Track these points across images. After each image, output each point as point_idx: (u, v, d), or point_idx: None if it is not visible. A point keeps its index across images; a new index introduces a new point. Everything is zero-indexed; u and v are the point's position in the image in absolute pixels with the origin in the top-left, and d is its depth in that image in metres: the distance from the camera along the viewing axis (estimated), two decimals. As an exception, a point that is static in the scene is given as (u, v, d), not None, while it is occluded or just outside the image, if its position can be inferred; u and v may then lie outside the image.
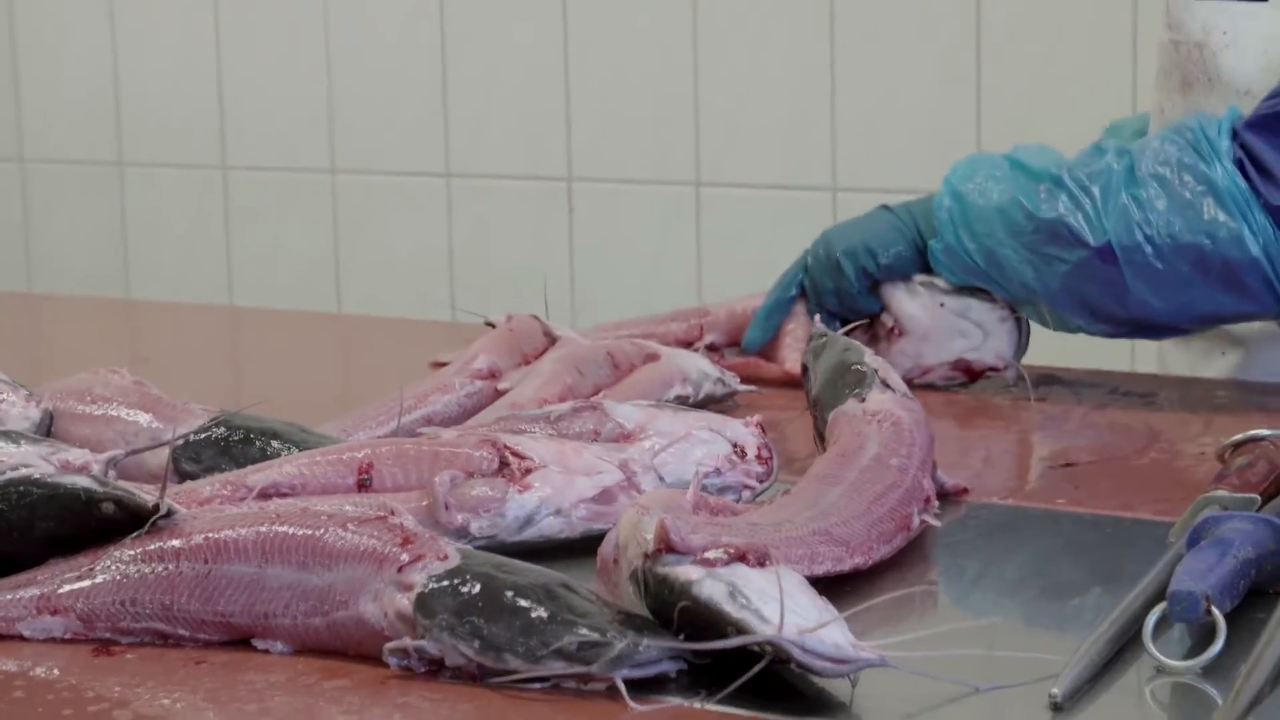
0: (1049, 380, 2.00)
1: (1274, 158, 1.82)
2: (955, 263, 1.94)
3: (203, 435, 1.57)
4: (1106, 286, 1.87)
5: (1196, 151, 1.85)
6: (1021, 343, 1.98)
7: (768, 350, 2.03)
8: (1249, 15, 1.97)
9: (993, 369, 1.97)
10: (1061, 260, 1.88)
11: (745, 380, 1.93)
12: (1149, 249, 1.84)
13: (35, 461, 1.44)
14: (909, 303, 1.98)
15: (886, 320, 1.99)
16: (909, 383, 1.69)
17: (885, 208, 2.02)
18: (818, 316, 1.90)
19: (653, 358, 1.87)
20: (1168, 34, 2.03)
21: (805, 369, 1.73)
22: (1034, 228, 1.88)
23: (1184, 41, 2.01)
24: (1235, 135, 1.85)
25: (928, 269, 1.96)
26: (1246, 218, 1.82)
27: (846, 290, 1.98)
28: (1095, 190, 1.87)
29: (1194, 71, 2.00)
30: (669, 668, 1.16)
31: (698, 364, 1.87)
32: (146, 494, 1.31)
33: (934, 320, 1.97)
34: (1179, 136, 1.87)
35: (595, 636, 1.15)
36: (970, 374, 1.97)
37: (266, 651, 1.26)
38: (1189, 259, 1.84)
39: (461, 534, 1.37)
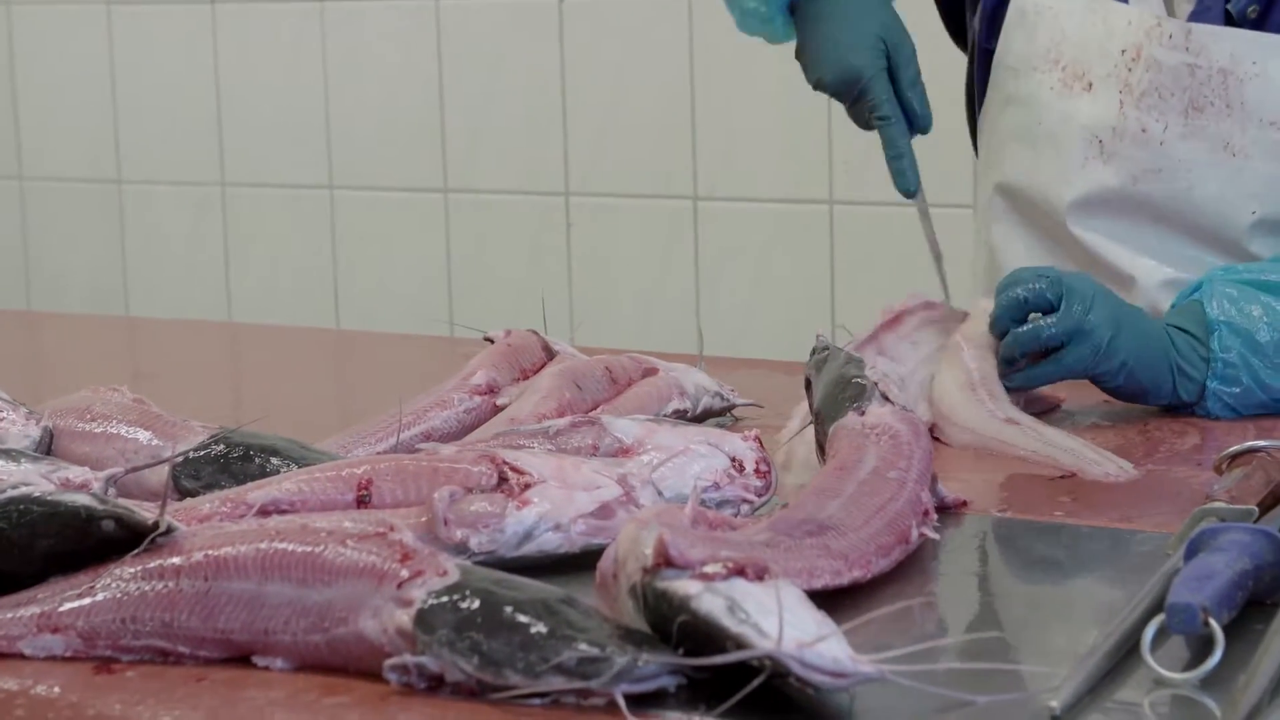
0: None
1: None
2: (1246, 403, 1.86)
3: (202, 452, 1.57)
4: None
5: None
6: None
7: None
8: (1279, 48, 1.99)
9: None
10: None
11: None
12: None
13: (35, 480, 1.45)
14: None
15: None
16: None
17: (1157, 323, 1.89)
18: (819, 330, 1.89)
19: (650, 372, 1.88)
20: (1181, 56, 2.02)
21: (808, 382, 1.74)
22: None
23: (1204, 66, 2.00)
24: None
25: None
26: None
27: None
28: None
29: (1209, 97, 2.00)
30: (668, 682, 1.16)
31: (695, 378, 1.88)
32: (146, 511, 1.31)
33: None
34: None
35: (595, 652, 1.15)
36: None
37: (267, 668, 1.26)
38: None
39: (461, 550, 1.37)
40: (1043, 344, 1.82)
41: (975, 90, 2.27)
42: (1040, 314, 1.83)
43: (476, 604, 1.19)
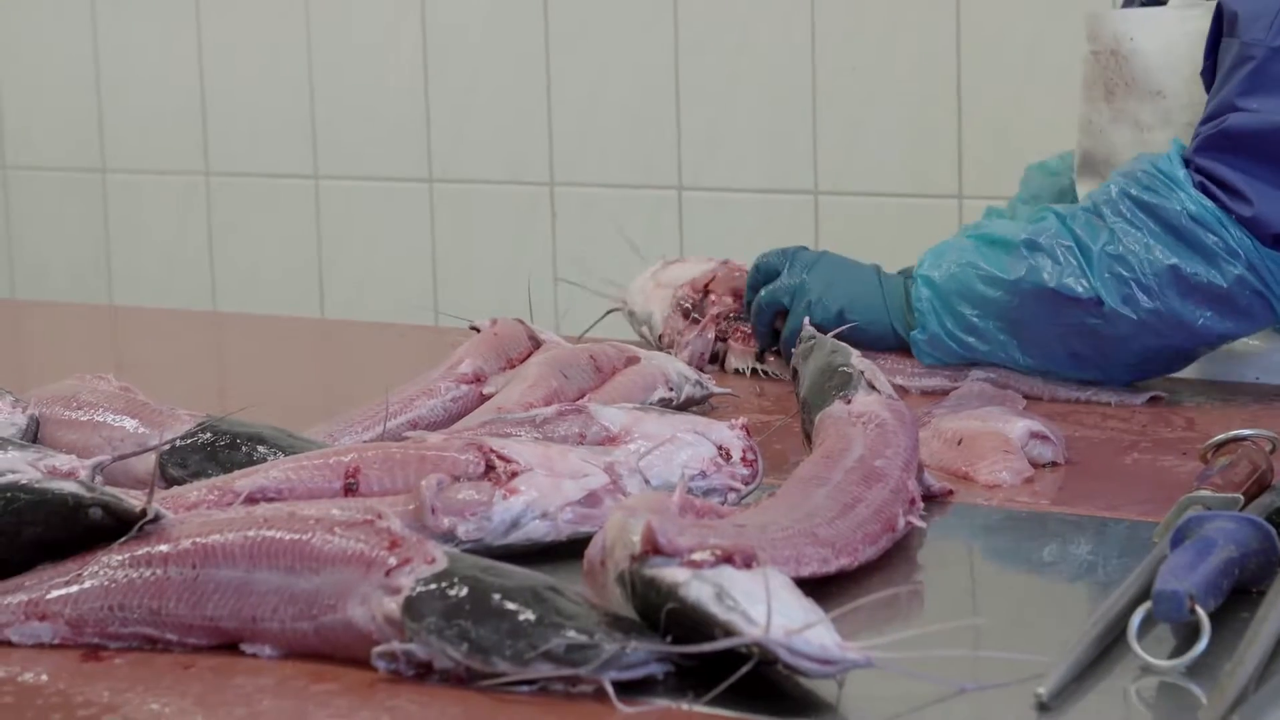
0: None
1: (1234, 174, 1.87)
2: (939, 349, 1.97)
3: (189, 440, 1.57)
4: (1100, 339, 1.90)
5: (1154, 190, 1.88)
6: None
7: None
8: (1150, 20, 2.05)
9: None
10: (1050, 323, 1.91)
11: None
12: (1140, 293, 1.87)
13: (22, 467, 1.44)
14: None
15: None
16: None
17: (876, 274, 2.04)
18: (807, 319, 1.90)
19: (633, 360, 1.88)
20: (1088, 46, 2.09)
21: (795, 371, 1.74)
22: (1018, 301, 1.92)
23: (1101, 51, 2.07)
24: (1187, 163, 1.89)
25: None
26: (1222, 238, 1.85)
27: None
28: (1071, 248, 1.90)
29: (1113, 79, 2.07)
30: (656, 669, 1.16)
31: (676, 366, 1.88)
32: (134, 499, 1.31)
33: None
34: (1132, 182, 1.91)
35: (583, 639, 1.16)
36: None
37: (255, 656, 1.26)
38: (1179, 292, 1.87)
39: (448, 537, 1.37)
40: (769, 305, 2.05)
41: None
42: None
43: (464, 591, 1.19)
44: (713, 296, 2.16)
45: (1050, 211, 1.94)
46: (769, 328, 2.06)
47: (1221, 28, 1.93)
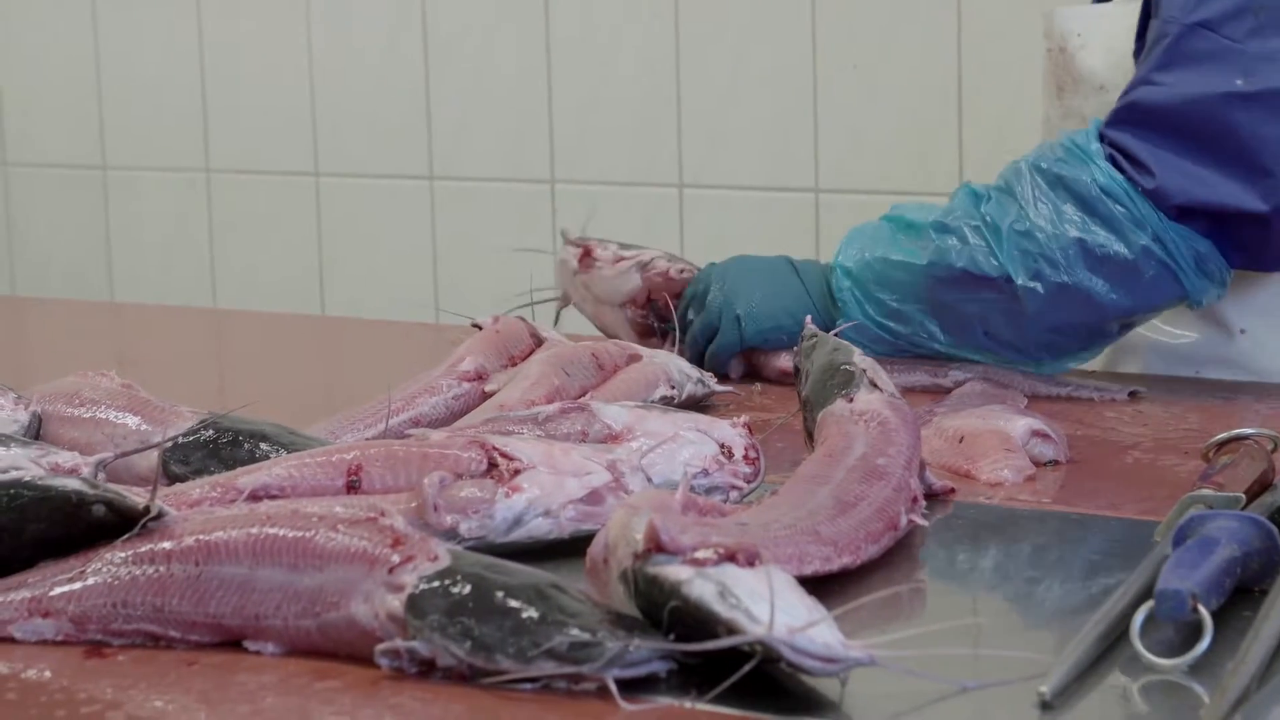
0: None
1: (1139, 146, 1.91)
2: (866, 336, 1.99)
3: (192, 437, 1.57)
4: (1013, 317, 1.93)
5: (1066, 163, 1.92)
6: None
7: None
8: (1098, 16, 2.09)
9: None
10: (965, 303, 1.94)
11: None
12: (1047, 268, 1.90)
13: (25, 464, 1.45)
14: None
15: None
16: None
17: (790, 264, 2.09)
18: (809, 317, 1.90)
19: (635, 358, 1.88)
20: (1044, 42, 2.13)
21: (796, 369, 1.74)
22: (929, 284, 1.95)
23: (1053, 48, 2.11)
24: (1102, 138, 1.93)
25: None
26: (1129, 209, 1.89)
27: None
28: (980, 227, 1.94)
29: (1062, 75, 2.11)
30: (659, 668, 1.16)
31: (678, 364, 1.88)
32: (137, 496, 1.31)
33: None
34: (1049, 153, 1.95)
35: (586, 637, 1.16)
36: None
37: (258, 653, 1.26)
38: (1086, 265, 1.90)
39: (451, 535, 1.37)
40: (702, 333, 2.05)
41: None
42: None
43: (468, 589, 1.19)
44: (661, 305, 2.15)
45: (964, 189, 1.99)
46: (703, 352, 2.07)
47: (1150, 10, 1.96)
